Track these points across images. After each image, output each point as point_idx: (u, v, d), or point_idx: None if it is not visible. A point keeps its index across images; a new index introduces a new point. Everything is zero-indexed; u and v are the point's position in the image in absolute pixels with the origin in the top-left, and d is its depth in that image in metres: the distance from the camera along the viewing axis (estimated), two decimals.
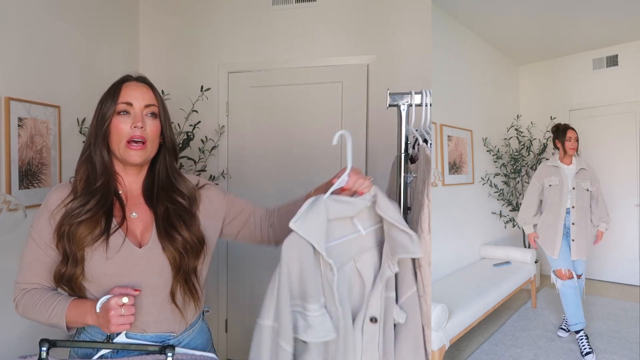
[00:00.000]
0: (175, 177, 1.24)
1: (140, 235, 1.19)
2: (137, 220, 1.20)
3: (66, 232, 1.13)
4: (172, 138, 1.25)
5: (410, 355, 1.16)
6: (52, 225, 1.16)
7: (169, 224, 1.17)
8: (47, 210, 1.18)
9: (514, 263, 3.74)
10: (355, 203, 1.13)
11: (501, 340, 3.04)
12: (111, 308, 1.05)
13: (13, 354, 2.07)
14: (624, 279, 4.32)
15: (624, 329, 3.18)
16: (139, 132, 1.16)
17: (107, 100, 1.19)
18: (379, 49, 2.76)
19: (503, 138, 4.52)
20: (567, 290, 2.89)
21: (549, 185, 3.12)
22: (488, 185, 4.19)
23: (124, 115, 1.17)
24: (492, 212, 4.25)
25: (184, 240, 1.17)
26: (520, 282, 3.46)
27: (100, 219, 1.14)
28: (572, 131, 3.12)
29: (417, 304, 1.18)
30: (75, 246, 1.12)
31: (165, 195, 1.21)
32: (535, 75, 5.00)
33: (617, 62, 4.43)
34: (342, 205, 1.11)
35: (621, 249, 4.31)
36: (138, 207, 1.22)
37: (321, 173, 2.89)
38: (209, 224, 1.26)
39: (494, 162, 4.32)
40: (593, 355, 2.73)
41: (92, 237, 1.12)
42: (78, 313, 1.12)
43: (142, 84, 1.22)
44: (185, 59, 3.03)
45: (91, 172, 1.19)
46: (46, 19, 2.30)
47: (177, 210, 1.20)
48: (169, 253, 1.15)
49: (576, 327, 2.86)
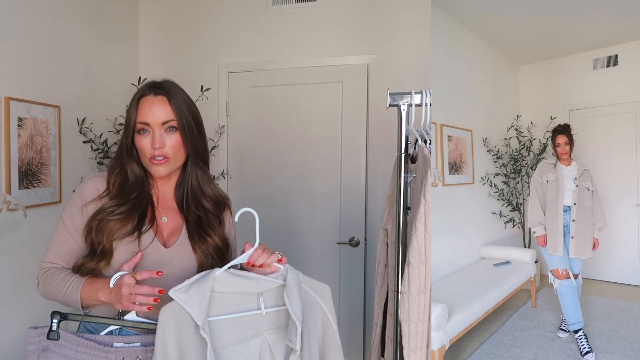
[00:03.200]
0: (204, 185, 1.29)
1: (167, 237, 1.23)
2: (167, 224, 1.25)
3: (96, 225, 1.16)
4: (198, 146, 1.25)
5: None
6: (84, 215, 1.19)
7: (201, 228, 1.23)
8: (82, 198, 1.21)
9: (514, 263, 3.74)
10: (261, 280, 1.11)
11: (501, 340, 3.04)
12: (124, 284, 1.07)
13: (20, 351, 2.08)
14: (624, 279, 4.32)
15: (624, 329, 3.18)
16: (158, 152, 1.18)
17: (129, 115, 1.21)
18: (379, 49, 2.76)
19: (503, 138, 4.52)
20: (565, 290, 2.89)
21: (546, 181, 3.12)
22: (488, 185, 4.19)
23: (144, 133, 1.19)
24: (492, 212, 4.25)
25: (216, 244, 1.23)
26: (520, 282, 3.46)
27: (133, 218, 1.18)
28: (562, 136, 3.09)
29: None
30: (105, 237, 1.15)
31: (196, 201, 1.26)
32: (535, 75, 5.00)
33: (617, 62, 4.43)
34: (243, 281, 1.10)
35: (621, 249, 4.31)
36: (169, 211, 1.26)
37: (321, 173, 2.91)
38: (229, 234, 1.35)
39: (494, 162, 4.32)
40: (592, 355, 2.73)
41: (123, 232, 1.16)
42: (92, 289, 1.14)
43: (159, 96, 1.20)
44: (185, 59, 3.03)
45: (125, 179, 1.22)
46: (46, 19, 2.30)
47: (208, 218, 1.26)
48: (199, 254, 1.20)
49: (575, 326, 2.86)
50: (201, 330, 1.02)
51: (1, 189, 2.02)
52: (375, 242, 2.71)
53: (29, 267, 2.15)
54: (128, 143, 1.20)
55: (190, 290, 1.04)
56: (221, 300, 1.09)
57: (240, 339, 1.10)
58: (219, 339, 1.08)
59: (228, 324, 1.09)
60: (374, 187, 2.79)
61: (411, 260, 1.25)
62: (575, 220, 3.03)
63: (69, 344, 1.12)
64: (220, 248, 1.25)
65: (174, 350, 1.02)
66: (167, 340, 1.02)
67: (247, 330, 1.11)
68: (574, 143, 3.22)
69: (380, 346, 1.68)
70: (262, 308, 1.12)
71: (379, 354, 1.69)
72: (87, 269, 1.17)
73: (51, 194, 2.32)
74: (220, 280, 1.08)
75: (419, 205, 1.24)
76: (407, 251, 1.30)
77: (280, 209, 2.94)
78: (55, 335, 1.10)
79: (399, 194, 1.42)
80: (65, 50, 2.43)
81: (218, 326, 1.08)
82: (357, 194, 2.84)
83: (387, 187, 1.66)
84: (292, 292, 1.11)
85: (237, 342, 1.10)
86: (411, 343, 1.31)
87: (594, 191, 3.13)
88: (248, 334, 1.11)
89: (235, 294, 1.11)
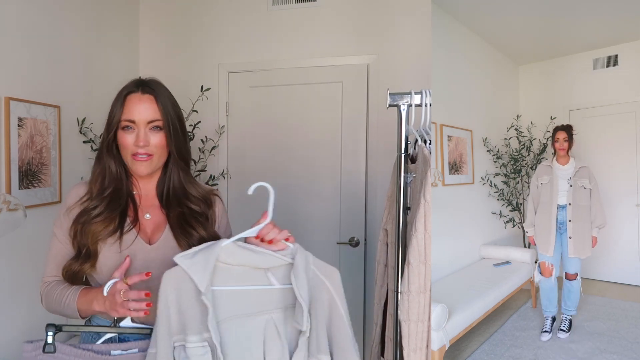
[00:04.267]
0: (187, 184, 1.27)
1: (150, 234, 1.23)
2: (150, 221, 1.24)
3: (80, 228, 1.17)
4: (181, 147, 1.25)
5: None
6: (69, 220, 1.21)
7: (185, 223, 1.22)
8: (66, 206, 1.23)
9: (514, 263, 3.74)
10: (268, 255, 1.10)
11: (501, 340, 3.04)
12: (116, 291, 1.08)
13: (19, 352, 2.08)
14: (624, 279, 4.31)
15: (624, 329, 3.18)
16: (142, 149, 1.19)
17: (113, 111, 1.21)
18: (379, 49, 2.76)
19: (503, 138, 4.52)
20: (545, 285, 3.11)
21: (540, 183, 3.26)
22: (488, 185, 4.19)
23: (128, 130, 1.19)
24: (492, 212, 4.25)
25: (201, 236, 1.21)
26: (520, 282, 3.47)
27: (114, 218, 1.18)
28: (562, 132, 3.22)
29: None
30: (89, 239, 1.16)
31: (178, 201, 1.25)
32: (535, 75, 5.00)
33: (617, 62, 4.43)
34: (251, 254, 1.09)
35: (621, 249, 4.31)
36: (152, 209, 1.26)
37: (321, 173, 2.91)
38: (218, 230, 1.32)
39: (494, 162, 4.31)
40: (549, 335, 3.01)
41: (106, 232, 1.16)
42: (86, 300, 1.14)
43: (147, 95, 1.20)
44: (185, 59, 3.03)
45: (105, 176, 1.23)
46: (46, 19, 2.30)
47: (192, 214, 1.25)
48: (185, 248, 1.18)
49: (548, 313, 3.11)
50: (203, 296, 1.01)
51: (1, 189, 2.02)
52: (375, 242, 2.71)
53: (28, 267, 2.15)
54: (110, 139, 1.20)
55: (195, 257, 1.05)
56: (228, 272, 1.09)
57: (244, 313, 1.09)
58: (222, 311, 1.07)
59: (232, 296, 1.08)
60: (374, 187, 2.79)
61: (411, 260, 1.25)
62: (572, 220, 3.09)
63: (66, 355, 1.11)
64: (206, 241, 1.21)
65: (175, 315, 1.04)
66: (170, 306, 1.04)
67: (252, 305, 1.10)
68: (574, 142, 3.31)
69: (380, 346, 1.68)
70: (274, 282, 1.10)
71: (378, 354, 1.69)
72: (71, 271, 1.17)
73: (51, 194, 2.32)
74: (226, 251, 1.07)
75: (418, 205, 1.24)
76: (407, 251, 1.30)
77: (280, 209, 2.93)
78: (52, 349, 1.09)
79: (398, 194, 1.43)
80: (65, 50, 2.43)
81: (222, 297, 1.07)
82: (357, 194, 2.84)
83: (387, 187, 1.66)
84: (299, 272, 1.08)
85: (241, 317, 1.08)
86: (411, 343, 1.31)
87: (591, 189, 3.17)
88: (253, 309, 1.10)
89: (242, 267, 1.10)
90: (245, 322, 1.09)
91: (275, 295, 1.10)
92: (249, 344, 1.08)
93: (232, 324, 1.08)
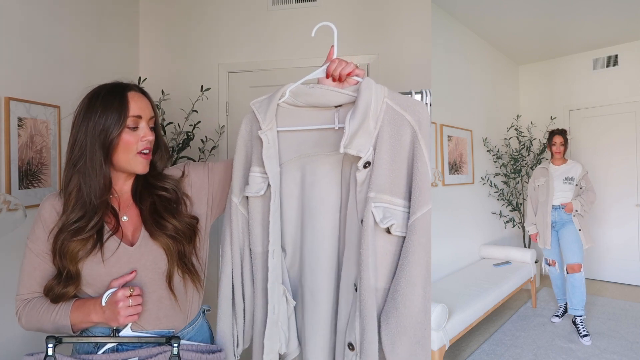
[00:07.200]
0: (155, 175, 1.23)
1: (131, 235, 1.19)
2: (128, 222, 1.20)
3: (59, 248, 1.12)
4: (161, 146, 1.25)
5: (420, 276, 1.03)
6: (49, 238, 1.15)
7: (156, 214, 1.18)
8: (42, 220, 1.17)
9: (514, 263, 3.75)
10: (328, 92, 1.06)
11: (501, 340, 3.04)
12: (119, 300, 1.07)
13: (18, 352, 2.08)
14: (624, 279, 4.32)
15: (624, 329, 3.19)
16: (149, 144, 1.17)
17: (110, 112, 1.14)
18: (379, 49, 2.76)
19: (503, 138, 4.52)
20: (552, 274, 3.43)
21: (537, 185, 3.45)
22: (488, 185, 4.19)
23: (134, 128, 1.15)
24: (492, 212, 4.25)
25: (175, 227, 1.17)
26: (520, 282, 3.47)
27: (92, 236, 1.13)
28: (559, 136, 3.40)
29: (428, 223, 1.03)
30: (69, 262, 1.11)
31: (149, 192, 1.21)
32: (535, 75, 5.00)
33: (617, 62, 4.43)
34: (313, 92, 1.08)
35: (621, 249, 4.32)
36: (128, 209, 1.22)
37: None
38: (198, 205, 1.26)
39: (494, 162, 4.31)
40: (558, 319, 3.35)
41: (85, 251, 1.11)
42: (82, 312, 1.12)
43: (140, 93, 1.20)
44: (185, 59, 3.03)
45: (85, 185, 1.14)
46: (46, 19, 2.30)
47: (162, 202, 1.20)
48: (162, 241, 1.15)
49: (561, 301, 3.43)
50: (259, 132, 1.09)
51: (1, 189, 2.02)
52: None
53: None
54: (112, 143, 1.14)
55: (264, 100, 1.13)
56: (298, 114, 1.12)
57: (307, 154, 1.11)
58: (287, 152, 1.13)
59: (296, 137, 1.12)
60: None
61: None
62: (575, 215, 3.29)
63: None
64: (180, 230, 1.18)
65: (242, 149, 1.18)
66: (243, 143, 1.18)
67: (316, 146, 1.11)
68: (569, 145, 3.52)
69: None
70: (336, 122, 1.07)
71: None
72: (54, 293, 1.13)
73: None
74: (294, 92, 1.10)
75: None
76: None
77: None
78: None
79: None
80: (65, 50, 2.43)
81: (286, 138, 1.12)
82: None
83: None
84: (360, 107, 0.99)
85: (303, 157, 1.12)
86: None
87: (584, 186, 3.35)
88: (317, 150, 1.10)
89: (312, 108, 1.09)
90: (306, 162, 1.11)
91: (340, 135, 1.02)
92: (310, 184, 1.11)
93: (294, 164, 1.12)
